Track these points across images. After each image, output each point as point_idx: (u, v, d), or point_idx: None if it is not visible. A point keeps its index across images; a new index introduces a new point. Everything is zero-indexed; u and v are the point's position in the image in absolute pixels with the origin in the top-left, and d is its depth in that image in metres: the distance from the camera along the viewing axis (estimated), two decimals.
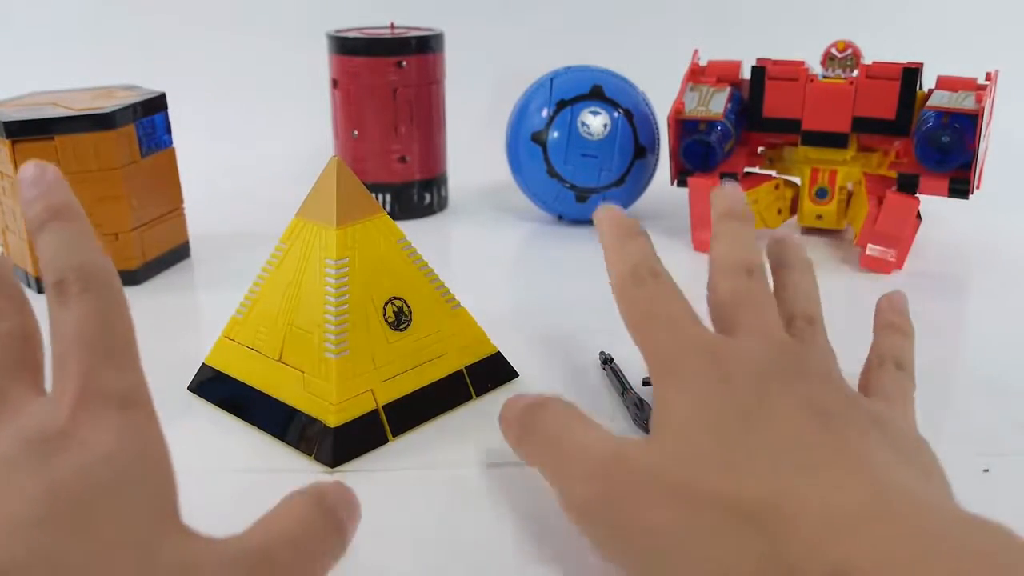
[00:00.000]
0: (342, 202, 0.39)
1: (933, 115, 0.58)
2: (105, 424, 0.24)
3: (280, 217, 0.75)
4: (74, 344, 0.25)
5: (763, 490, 0.24)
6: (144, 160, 0.59)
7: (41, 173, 0.29)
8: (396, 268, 0.40)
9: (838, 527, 0.23)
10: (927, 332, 0.42)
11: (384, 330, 0.39)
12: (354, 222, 0.39)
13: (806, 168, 0.65)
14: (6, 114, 0.55)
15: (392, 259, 0.40)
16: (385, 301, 0.39)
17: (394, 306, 0.40)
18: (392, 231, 0.41)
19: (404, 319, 0.40)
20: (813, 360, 0.30)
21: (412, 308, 0.40)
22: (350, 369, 0.38)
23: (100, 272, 0.27)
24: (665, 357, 0.30)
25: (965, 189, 0.59)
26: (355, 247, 0.39)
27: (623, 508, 0.26)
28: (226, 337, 0.43)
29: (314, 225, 0.40)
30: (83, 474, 0.22)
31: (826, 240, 0.68)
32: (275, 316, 0.40)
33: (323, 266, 0.38)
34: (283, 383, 0.40)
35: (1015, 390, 0.44)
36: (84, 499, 0.22)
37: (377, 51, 0.69)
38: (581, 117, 0.66)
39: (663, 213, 0.72)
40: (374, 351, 0.39)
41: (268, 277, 0.41)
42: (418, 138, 0.72)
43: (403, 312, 0.40)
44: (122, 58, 1.00)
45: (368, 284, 0.39)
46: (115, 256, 0.58)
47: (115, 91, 0.62)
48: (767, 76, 0.64)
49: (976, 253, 0.65)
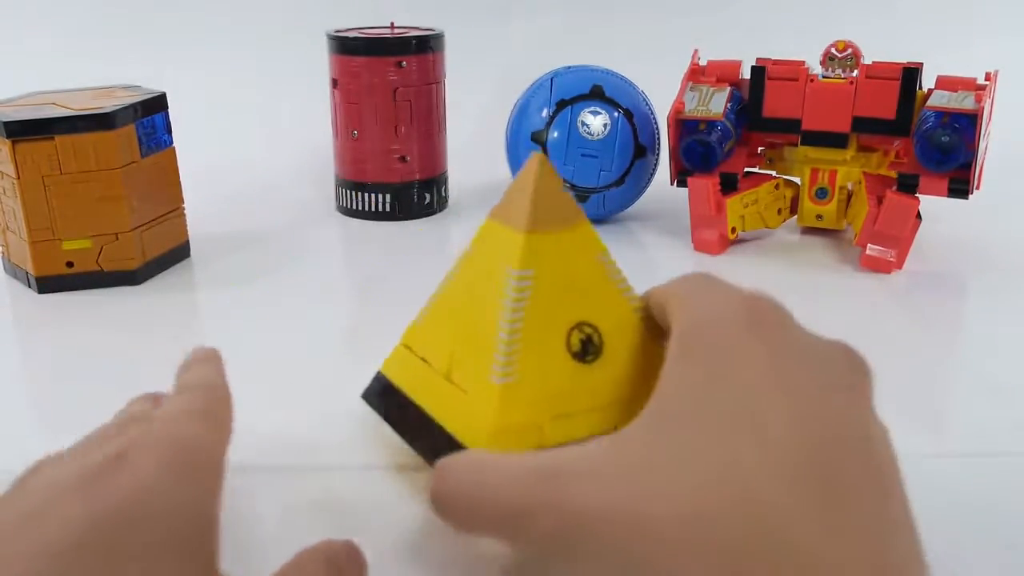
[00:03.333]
0: (538, 206, 0.33)
1: (933, 115, 0.58)
2: (159, 455, 0.24)
3: (280, 217, 0.76)
4: (178, 391, 0.26)
5: None
6: (144, 160, 0.59)
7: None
8: (592, 289, 0.34)
9: None
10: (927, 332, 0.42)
11: (566, 359, 0.33)
12: (549, 231, 0.33)
13: (806, 168, 0.65)
14: (6, 114, 0.55)
15: (588, 278, 0.34)
16: (572, 326, 0.33)
17: (582, 333, 0.34)
18: (592, 245, 0.34)
19: (592, 349, 0.34)
20: None
21: (604, 338, 0.34)
22: (517, 396, 0.32)
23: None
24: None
25: (965, 189, 0.59)
26: (544, 259, 0.33)
27: None
28: (403, 345, 0.39)
29: (503, 228, 0.34)
30: (127, 499, 0.22)
31: (826, 240, 0.68)
32: (447, 326, 0.36)
33: (503, 276, 0.33)
34: (447, 404, 0.35)
35: (1015, 390, 0.44)
36: (122, 527, 0.22)
37: (377, 51, 0.69)
38: (581, 117, 0.66)
39: (663, 213, 0.72)
40: (551, 381, 0.33)
41: (449, 282, 0.37)
42: (418, 138, 0.72)
43: (591, 341, 0.34)
44: (122, 58, 1.00)
45: (554, 303, 0.33)
46: (115, 256, 0.58)
47: (115, 91, 0.62)
48: (767, 76, 0.64)
49: (976, 253, 0.65)
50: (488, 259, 0.35)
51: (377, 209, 0.73)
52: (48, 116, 0.55)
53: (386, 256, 0.67)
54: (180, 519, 0.23)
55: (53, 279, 0.57)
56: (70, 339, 0.52)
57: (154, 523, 0.22)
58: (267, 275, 0.61)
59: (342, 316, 0.57)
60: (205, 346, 0.34)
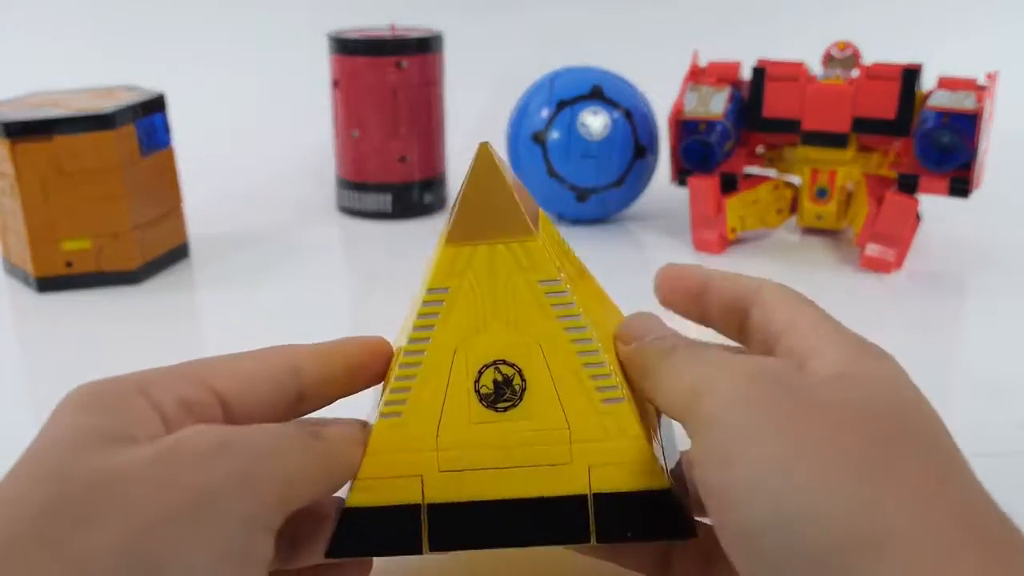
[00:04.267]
0: (469, 209, 0.28)
1: (933, 115, 0.58)
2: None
3: (280, 217, 0.76)
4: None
5: None
6: (144, 160, 0.59)
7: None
8: (525, 320, 0.27)
9: None
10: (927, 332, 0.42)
11: (470, 403, 0.27)
12: (479, 242, 0.27)
13: (806, 168, 0.65)
14: (6, 114, 0.55)
15: (523, 306, 0.27)
16: (486, 363, 0.27)
17: (499, 373, 0.27)
18: (535, 265, 0.27)
19: (507, 396, 0.27)
20: None
21: (528, 383, 0.27)
22: (395, 439, 0.27)
23: None
24: None
25: (965, 188, 0.59)
26: (466, 276, 0.27)
27: None
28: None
29: (443, 234, 0.28)
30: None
31: (826, 240, 0.68)
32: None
33: (420, 291, 0.28)
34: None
35: (1015, 390, 0.44)
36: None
37: (377, 51, 0.69)
38: (581, 117, 0.66)
39: (663, 213, 0.72)
40: (446, 427, 0.27)
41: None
42: (418, 138, 0.72)
43: (510, 385, 0.27)
44: (122, 58, 1.00)
45: (469, 332, 0.27)
46: (114, 256, 0.58)
47: (115, 91, 0.62)
48: (767, 77, 0.64)
49: (976, 253, 0.65)
50: (430, 269, 0.29)
51: (377, 209, 0.73)
52: (48, 116, 0.55)
53: (386, 256, 0.67)
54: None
55: (53, 279, 0.57)
56: (70, 339, 0.52)
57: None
58: (267, 275, 0.61)
59: (342, 316, 0.57)
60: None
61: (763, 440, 0.21)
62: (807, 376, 0.23)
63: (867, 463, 0.20)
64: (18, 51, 1.01)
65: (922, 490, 0.20)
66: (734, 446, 0.22)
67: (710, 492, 0.22)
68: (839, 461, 0.20)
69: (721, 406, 0.23)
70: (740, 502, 0.21)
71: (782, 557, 0.20)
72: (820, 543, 0.19)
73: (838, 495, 0.20)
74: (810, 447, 0.21)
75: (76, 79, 0.69)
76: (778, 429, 0.22)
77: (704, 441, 0.23)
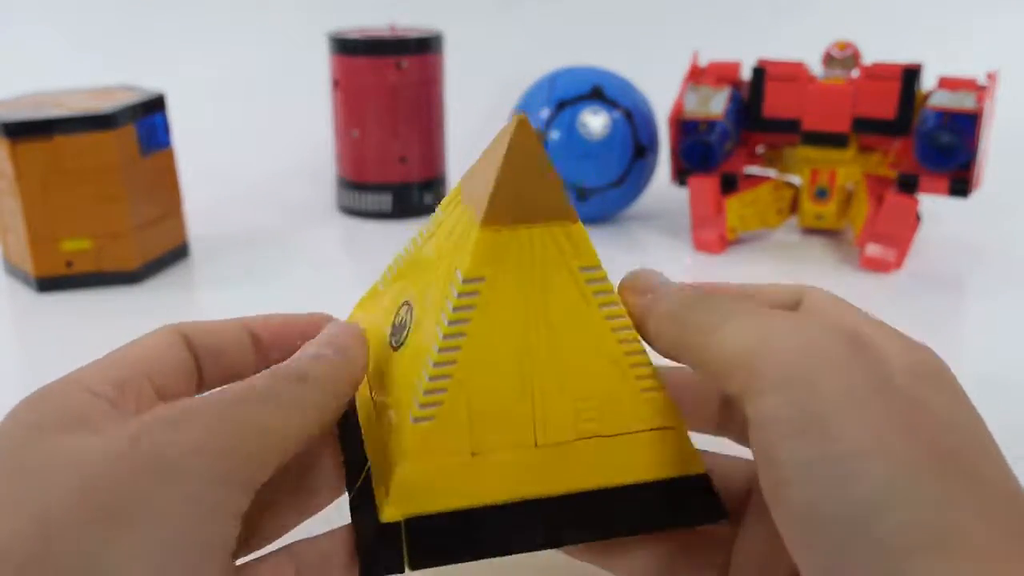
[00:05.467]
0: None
1: (933, 115, 0.58)
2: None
3: (280, 217, 0.76)
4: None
5: None
6: (144, 160, 0.59)
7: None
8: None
9: None
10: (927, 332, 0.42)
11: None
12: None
13: (806, 168, 0.65)
14: (6, 114, 0.55)
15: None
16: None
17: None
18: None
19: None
20: None
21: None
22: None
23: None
24: None
25: (965, 188, 0.59)
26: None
27: None
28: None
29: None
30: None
31: (826, 240, 0.68)
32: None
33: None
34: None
35: (1015, 390, 0.44)
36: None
37: (377, 52, 0.69)
38: (581, 117, 0.66)
39: (663, 213, 0.72)
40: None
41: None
42: (418, 138, 0.72)
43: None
44: (122, 58, 1.00)
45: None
46: (114, 256, 0.58)
47: (115, 91, 0.62)
48: (767, 77, 0.64)
49: (976, 253, 0.65)
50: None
51: (377, 209, 0.73)
52: (48, 116, 0.55)
53: (386, 256, 0.66)
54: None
55: (53, 279, 0.57)
56: (70, 339, 0.52)
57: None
58: (267, 275, 0.61)
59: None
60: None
61: (844, 416, 0.20)
62: (883, 356, 0.23)
63: (940, 460, 0.20)
64: (18, 51, 1.01)
65: (988, 494, 0.20)
66: (808, 416, 0.21)
67: (775, 461, 0.21)
68: (917, 455, 0.20)
69: (797, 367, 0.22)
70: (808, 480, 0.20)
71: (846, 542, 0.19)
72: (890, 536, 0.19)
73: (915, 490, 0.19)
74: (891, 434, 0.20)
75: (76, 79, 0.69)
76: (861, 405, 0.21)
77: (773, 405, 0.21)
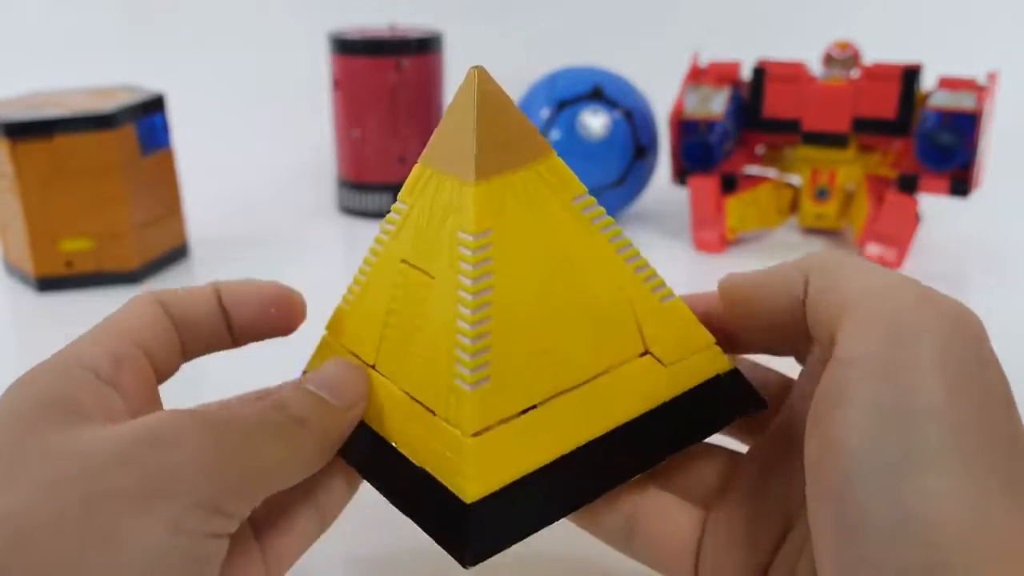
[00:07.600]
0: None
1: (933, 115, 0.59)
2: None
3: (280, 217, 0.76)
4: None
5: None
6: (144, 160, 0.59)
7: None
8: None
9: None
10: None
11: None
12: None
13: (806, 168, 0.65)
14: (6, 114, 0.55)
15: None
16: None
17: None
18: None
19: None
20: None
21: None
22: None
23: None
24: None
25: (965, 188, 0.59)
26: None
27: None
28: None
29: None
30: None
31: (826, 240, 0.68)
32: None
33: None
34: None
35: (1015, 390, 0.44)
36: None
37: (377, 52, 0.69)
38: (581, 117, 0.66)
39: (663, 213, 0.72)
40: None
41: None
42: (418, 139, 0.72)
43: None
44: (122, 58, 1.00)
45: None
46: (114, 256, 0.58)
47: (115, 91, 0.62)
48: (767, 77, 0.64)
49: (976, 253, 0.65)
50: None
51: (377, 209, 0.73)
52: (48, 116, 0.55)
53: None
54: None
55: (53, 279, 0.57)
56: (70, 339, 0.52)
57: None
58: (267, 275, 0.61)
59: None
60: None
61: (932, 378, 0.21)
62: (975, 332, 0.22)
63: (985, 471, 0.19)
64: (18, 51, 1.01)
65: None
66: (898, 366, 0.21)
67: (848, 401, 0.20)
68: (973, 462, 0.19)
69: (908, 316, 0.22)
70: (874, 425, 0.20)
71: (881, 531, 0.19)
72: (930, 546, 0.18)
73: (962, 501, 0.19)
74: (963, 412, 0.20)
75: (76, 79, 0.69)
76: (951, 373, 0.21)
77: (870, 344, 0.21)
